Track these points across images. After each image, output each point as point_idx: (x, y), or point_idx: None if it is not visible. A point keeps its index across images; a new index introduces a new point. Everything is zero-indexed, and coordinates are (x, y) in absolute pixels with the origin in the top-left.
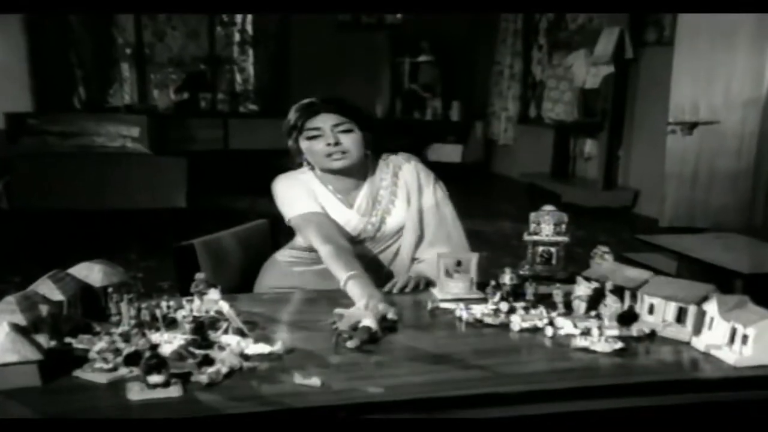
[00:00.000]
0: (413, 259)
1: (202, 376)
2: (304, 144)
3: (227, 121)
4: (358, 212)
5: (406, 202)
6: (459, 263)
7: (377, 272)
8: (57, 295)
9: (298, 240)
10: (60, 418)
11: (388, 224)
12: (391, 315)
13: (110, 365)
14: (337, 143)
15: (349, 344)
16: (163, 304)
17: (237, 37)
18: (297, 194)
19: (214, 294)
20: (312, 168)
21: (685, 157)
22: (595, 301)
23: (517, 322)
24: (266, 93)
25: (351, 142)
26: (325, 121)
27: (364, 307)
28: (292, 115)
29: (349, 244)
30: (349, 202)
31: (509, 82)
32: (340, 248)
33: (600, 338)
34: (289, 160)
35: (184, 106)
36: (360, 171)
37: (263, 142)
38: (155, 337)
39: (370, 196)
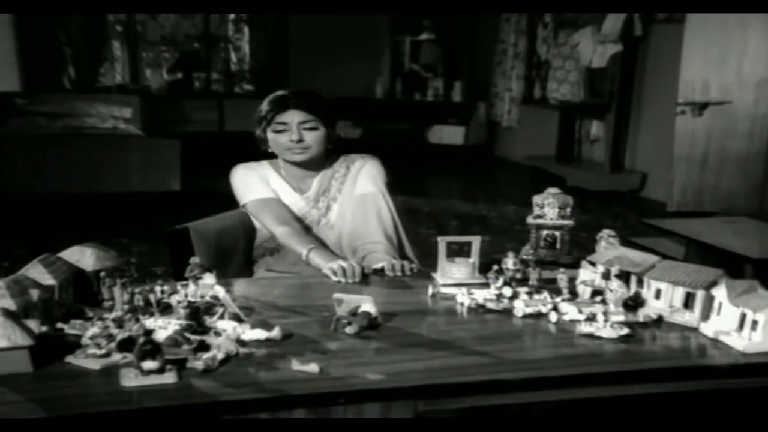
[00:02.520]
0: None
1: (198, 363)
2: (270, 135)
3: (222, 101)
4: (307, 198)
5: (347, 193)
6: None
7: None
8: (48, 280)
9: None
10: (52, 404)
11: (333, 212)
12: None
13: (103, 351)
14: (300, 140)
15: (348, 330)
16: (157, 288)
17: (232, 14)
18: (252, 182)
19: (209, 279)
20: (272, 157)
21: (694, 139)
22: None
23: (520, 307)
24: (263, 73)
25: (314, 139)
26: (292, 117)
27: (330, 270)
28: (263, 107)
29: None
30: (301, 188)
31: (513, 61)
32: (295, 228)
33: (605, 324)
34: (263, 144)
35: (178, 86)
36: (317, 163)
37: None
38: (149, 322)
39: (321, 185)
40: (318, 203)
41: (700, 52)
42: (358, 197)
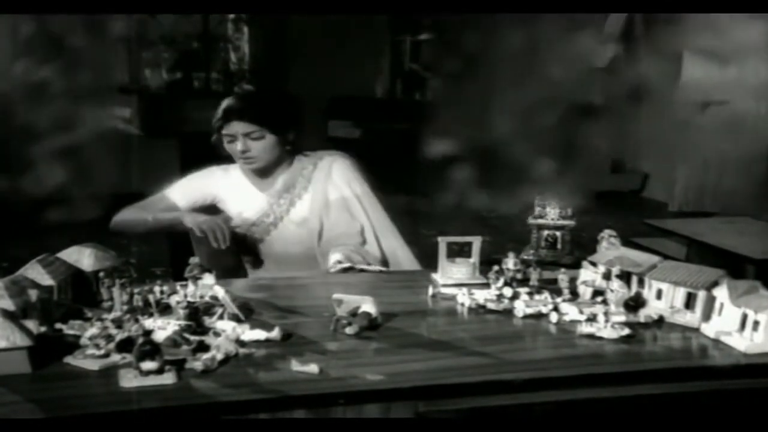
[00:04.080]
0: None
1: (197, 363)
2: (224, 142)
3: (222, 101)
4: (269, 195)
5: (318, 192)
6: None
7: (286, 257)
8: (46, 280)
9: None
10: (51, 405)
11: (298, 208)
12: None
13: (102, 352)
14: (245, 150)
15: (348, 330)
16: (157, 289)
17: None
18: (190, 184)
19: (208, 279)
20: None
21: (696, 139)
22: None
23: (520, 308)
24: (262, 72)
25: (260, 149)
26: (236, 129)
27: (198, 228)
28: (214, 116)
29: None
30: (263, 187)
31: None
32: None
33: (606, 324)
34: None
35: (177, 85)
36: (275, 164)
37: None
38: (148, 323)
39: (285, 183)
40: (280, 200)
41: (702, 52)
42: (332, 202)
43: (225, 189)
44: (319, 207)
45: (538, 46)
